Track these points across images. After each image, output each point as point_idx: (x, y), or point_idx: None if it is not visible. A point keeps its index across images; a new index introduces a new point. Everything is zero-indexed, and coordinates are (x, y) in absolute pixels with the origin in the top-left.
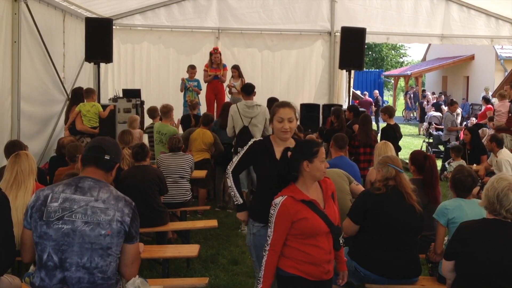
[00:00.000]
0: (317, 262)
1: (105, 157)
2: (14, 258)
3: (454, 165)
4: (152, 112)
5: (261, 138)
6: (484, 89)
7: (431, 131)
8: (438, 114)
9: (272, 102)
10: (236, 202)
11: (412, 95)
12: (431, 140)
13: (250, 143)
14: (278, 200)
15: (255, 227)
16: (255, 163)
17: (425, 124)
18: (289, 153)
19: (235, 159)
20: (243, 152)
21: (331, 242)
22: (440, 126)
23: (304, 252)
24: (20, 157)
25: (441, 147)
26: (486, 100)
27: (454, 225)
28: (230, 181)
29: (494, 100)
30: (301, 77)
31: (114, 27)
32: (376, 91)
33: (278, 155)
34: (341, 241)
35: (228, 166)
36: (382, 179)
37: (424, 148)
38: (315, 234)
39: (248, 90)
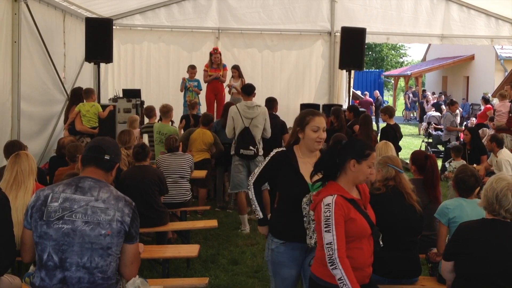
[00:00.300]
0: (360, 266)
1: (105, 157)
2: (14, 258)
3: (454, 165)
4: (149, 111)
5: (284, 149)
6: (483, 93)
7: (430, 131)
8: (437, 114)
9: (271, 102)
10: (257, 216)
11: (411, 95)
12: (430, 140)
13: (272, 153)
14: (330, 199)
15: (274, 243)
16: (276, 175)
17: (424, 124)
18: (339, 146)
19: (257, 170)
20: (265, 163)
21: (372, 245)
22: (439, 126)
23: (348, 257)
24: (20, 157)
25: (440, 147)
26: (486, 100)
27: (454, 225)
28: (251, 194)
29: (495, 102)
30: (301, 77)
31: (114, 27)
32: (377, 91)
33: (302, 167)
34: (380, 243)
35: (250, 178)
36: (382, 179)
37: (423, 148)
38: (361, 236)
39: (248, 91)
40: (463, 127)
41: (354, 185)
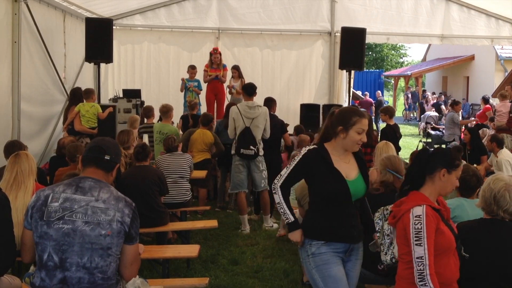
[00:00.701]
0: (448, 282)
1: (105, 158)
2: (14, 258)
3: None
4: (147, 111)
5: (315, 146)
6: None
7: (429, 131)
8: (435, 114)
9: (269, 102)
10: (286, 221)
11: (410, 95)
12: (429, 140)
13: (303, 152)
14: (420, 209)
15: (313, 246)
16: (309, 175)
17: (422, 124)
18: (427, 155)
19: (284, 171)
20: (294, 163)
21: (458, 258)
22: (437, 126)
23: (436, 272)
24: (20, 157)
25: (437, 147)
26: (485, 100)
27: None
28: (278, 197)
29: (497, 103)
30: (301, 77)
31: (114, 27)
32: (379, 92)
33: (336, 164)
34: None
35: (276, 180)
36: (379, 181)
37: (420, 148)
38: (448, 249)
39: (249, 91)
40: (463, 127)
41: (438, 195)
